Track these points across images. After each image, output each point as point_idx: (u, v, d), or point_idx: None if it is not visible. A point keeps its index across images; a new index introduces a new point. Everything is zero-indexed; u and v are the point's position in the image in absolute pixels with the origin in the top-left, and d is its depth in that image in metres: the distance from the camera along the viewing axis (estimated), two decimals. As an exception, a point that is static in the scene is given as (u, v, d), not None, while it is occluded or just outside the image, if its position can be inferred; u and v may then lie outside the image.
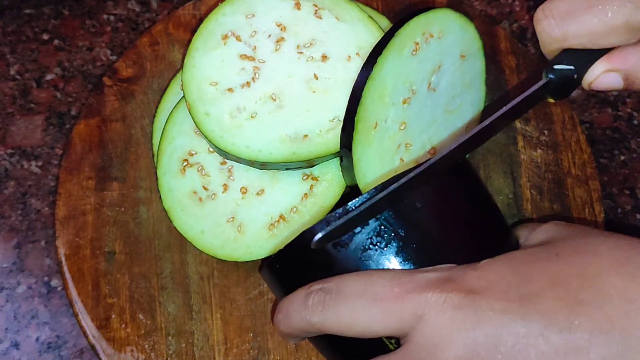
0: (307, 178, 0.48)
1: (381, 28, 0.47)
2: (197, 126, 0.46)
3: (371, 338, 0.35)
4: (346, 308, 0.35)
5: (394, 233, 0.36)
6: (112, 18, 0.57)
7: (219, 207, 0.48)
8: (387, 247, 0.36)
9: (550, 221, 0.40)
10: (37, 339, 0.49)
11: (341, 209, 0.37)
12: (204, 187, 0.48)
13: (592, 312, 0.31)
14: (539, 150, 0.53)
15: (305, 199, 0.47)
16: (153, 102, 0.52)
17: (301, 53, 0.47)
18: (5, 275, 0.51)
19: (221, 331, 0.48)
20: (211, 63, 0.47)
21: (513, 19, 0.59)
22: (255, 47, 0.47)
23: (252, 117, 0.46)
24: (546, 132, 0.53)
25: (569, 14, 0.36)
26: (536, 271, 0.34)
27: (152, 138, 0.51)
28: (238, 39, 0.47)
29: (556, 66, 0.38)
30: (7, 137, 0.54)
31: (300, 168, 0.47)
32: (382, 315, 0.34)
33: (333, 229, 0.36)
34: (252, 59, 0.47)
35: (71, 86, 0.55)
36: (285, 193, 0.48)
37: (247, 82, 0.47)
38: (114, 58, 0.56)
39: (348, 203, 0.37)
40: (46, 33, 0.56)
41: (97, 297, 0.48)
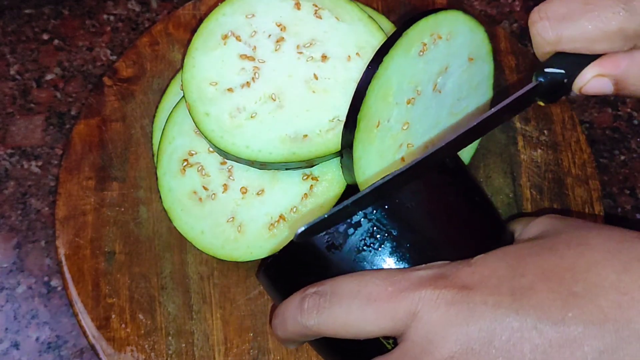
0: (307, 178, 0.48)
1: (381, 28, 0.47)
2: (197, 126, 0.46)
3: (368, 339, 0.35)
4: (341, 310, 0.35)
5: (387, 233, 0.37)
6: (112, 18, 0.57)
7: (219, 207, 0.48)
8: (381, 248, 0.36)
9: (544, 215, 0.40)
10: (37, 339, 0.49)
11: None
12: (204, 187, 0.48)
13: (585, 305, 0.31)
14: (539, 150, 0.53)
15: (305, 199, 0.47)
16: (153, 102, 0.52)
17: (301, 53, 0.47)
18: (5, 275, 0.51)
19: (221, 331, 0.48)
20: (211, 63, 0.47)
21: (513, 19, 0.59)
22: (255, 47, 0.47)
23: (252, 117, 0.46)
24: (546, 132, 0.53)
25: (564, 18, 0.36)
26: (529, 265, 0.34)
27: (152, 138, 0.51)
28: (238, 39, 0.47)
29: (547, 69, 0.38)
30: (7, 137, 0.54)
31: (300, 168, 0.47)
32: (377, 315, 0.34)
33: (315, 223, 0.36)
34: (252, 59, 0.47)
35: (71, 86, 0.55)
36: (285, 193, 0.48)
37: (247, 82, 0.47)
38: (114, 58, 0.56)
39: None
40: (46, 33, 0.56)
41: (97, 297, 0.48)
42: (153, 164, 0.50)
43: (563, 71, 0.38)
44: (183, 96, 0.47)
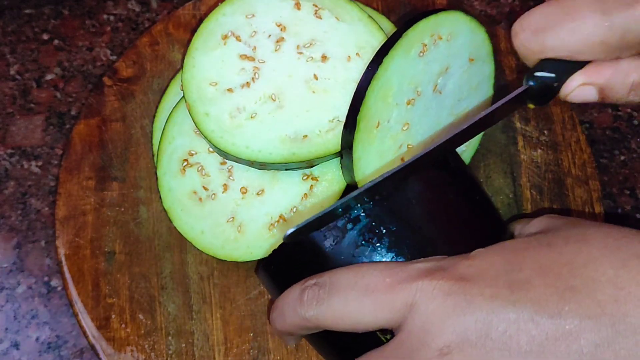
0: (307, 178, 0.48)
1: (381, 28, 0.47)
2: (197, 126, 0.46)
3: (366, 333, 0.35)
4: (339, 301, 0.35)
5: (386, 229, 0.37)
6: (112, 18, 0.57)
7: (219, 207, 0.48)
8: (380, 243, 0.37)
9: (543, 214, 0.40)
10: (37, 339, 0.49)
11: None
12: (204, 187, 0.48)
13: (582, 299, 0.32)
14: (539, 150, 0.53)
15: (305, 199, 0.47)
16: (153, 102, 0.52)
17: (301, 53, 0.47)
18: (5, 275, 0.51)
19: (221, 331, 0.48)
20: (211, 63, 0.47)
21: (513, 19, 0.59)
22: (255, 47, 0.47)
23: (252, 117, 0.46)
24: (546, 132, 0.53)
25: (545, 29, 0.37)
26: (527, 259, 0.34)
27: (152, 138, 0.51)
28: (238, 39, 0.47)
29: (537, 73, 0.38)
30: (7, 137, 0.54)
31: (300, 168, 0.47)
32: (374, 306, 0.34)
33: (304, 225, 0.36)
34: (252, 59, 0.47)
35: (71, 86, 0.55)
36: (285, 193, 0.48)
37: (247, 82, 0.47)
38: (114, 58, 0.56)
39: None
40: (46, 33, 0.56)
41: (97, 297, 0.48)
42: (153, 164, 0.50)
43: (553, 75, 0.38)
44: (183, 96, 0.47)
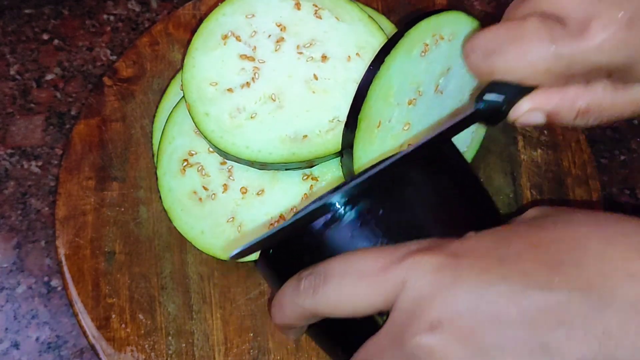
0: (307, 178, 0.48)
1: (381, 28, 0.47)
2: (197, 126, 0.46)
3: (365, 319, 0.36)
4: (334, 288, 0.35)
5: (382, 215, 0.37)
6: (112, 18, 0.57)
7: (219, 207, 0.48)
8: (376, 229, 0.37)
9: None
10: (37, 339, 0.49)
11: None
12: (204, 187, 0.48)
13: (571, 272, 0.32)
14: (539, 150, 0.53)
15: (305, 199, 0.47)
16: (153, 102, 0.52)
17: (301, 53, 0.47)
18: (5, 275, 0.51)
19: (221, 331, 0.48)
20: (211, 63, 0.47)
21: (513, 19, 0.59)
22: (255, 47, 0.47)
23: (252, 117, 0.46)
24: (546, 132, 0.53)
25: (495, 51, 0.37)
26: (515, 237, 0.35)
27: (152, 138, 0.51)
28: (238, 39, 0.47)
29: (486, 96, 0.39)
30: (7, 137, 0.54)
31: (300, 168, 0.47)
32: (368, 289, 0.35)
33: (252, 245, 0.38)
34: (252, 59, 0.47)
35: (71, 86, 0.55)
36: (285, 193, 0.48)
37: (247, 82, 0.47)
38: (114, 58, 0.56)
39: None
40: (46, 33, 0.56)
41: (97, 297, 0.48)
42: (153, 164, 0.50)
43: (501, 99, 0.38)
44: (183, 96, 0.47)
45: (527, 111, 0.39)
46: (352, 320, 0.36)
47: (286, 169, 0.47)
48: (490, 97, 0.39)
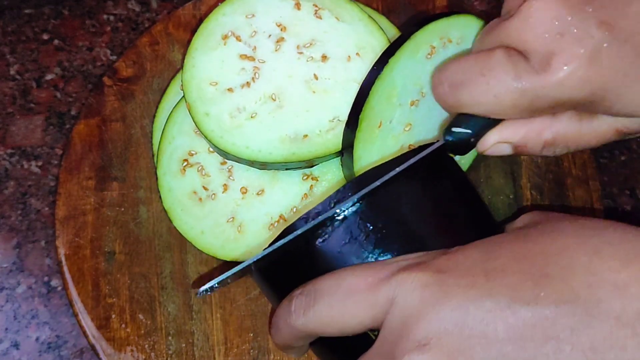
0: (307, 178, 0.48)
1: (381, 28, 0.47)
2: (197, 126, 0.46)
3: (358, 335, 0.36)
4: (324, 306, 0.35)
5: (373, 226, 0.37)
6: (112, 18, 0.57)
7: (219, 207, 0.48)
8: (367, 241, 0.37)
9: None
10: (37, 339, 0.49)
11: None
12: (204, 187, 0.48)
13: (557, 285, 0.32)
14: (539, 150, 0.53)
15: (305, 199, 0.47)
16: (153, 102, 0.52)
17: (301, 53, 0.47)
18: (5, 275, 0.51)
19: (221, 331, 0.48)
20: (211, 63, 0.47)
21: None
22: (255, 47, 0.47)
23: (252, 117, 0.46)
24: (546, 132, 0.53)
25: (461, 84, 0.38)
26: (502, 250, 0.34)
27: (152, 138, 0.51)
28: (238, 39, 0.47)
29: (454, 129, 0.40)
30: (7, 137, 0.54)
31: (300, 168, 0.47)
32: (357, 306, 0.34)
33: (219, 281, 0.39)
34: (252, 59, 0.47)
35: (71, 86, 0.55)
36: (285, 193, 0.48)
37: (247, 82, 0.47)
38: (114, 58, 0.56)
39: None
40: (46, 33, 0.56)
41: (97, 297, 0.48)
42: (153, 164, 0.50)
43: (469, 131, 0.39)
44: (183, 96, 0.47)
45: (495, 144, 0.40)
46: (349, 337, 0.36)
47: (286, 169, 0.47)
48: (458, 130, 0.39)
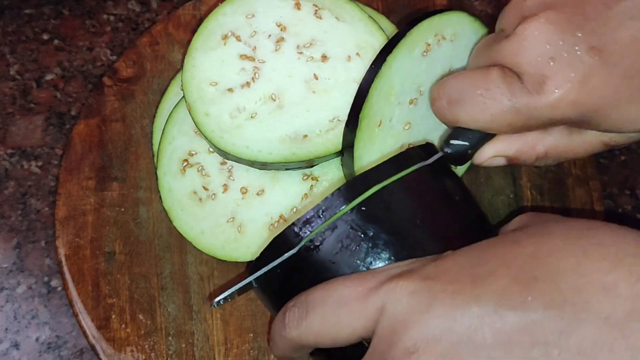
0: (307, 178, 0.48)
1: (381, 28, 0.47)
2: (197, 126, 0.46)
3: (353, 344, 0.36)
4: (316, 317, 0.35)
5: (364, 234, 0.37)
6: (112, 18, 0.57)
7: (219, 208, 0.48)
8: (358, 250, 0.37)
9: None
10: (37, 339, 0.49)
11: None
12: (204, 187, 0.48)
13: (545, 288, 0.32)
14: (539, 150, 0.53)
15: (305, 199, 0.47)
16: (153, 102, 0.52)
17: (301, 53, 0.47)
18: (5, 275, 0.51)
19: (221, 331, 0.48)
20: (211, 63, 0.47)
21: (513, 19, 0.59)
22: (255, 47, 0.47)
23: (252, 117, 0.46)
24: (546, 132, 0.53)
25: (458, 101, 0.40)
26: (489, 255, 0.34)
27: (152, 138, 0.51)
28: (238, 39, 0.47)
29: (452, 141, 0.42)
30: (7, 137, 0.54)
31: (300, 168, 0.47)
32: (349, 316, 0.34)
33: (231, 293, 0.40)
34: (252, 59, 0.47)
35: (71, 86, 0.55)
36: (285, 193, 0.48)
37: (247, 82, 0.47)
38: (114, 58, 0.56)
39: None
40: (46, 33, 0.56)
41: (97, 297, 0.48)
42: (153, 164, 0.50)
43: (467, 143, 0.42)
44: (183, 96, 0.47)
45: (490, 157, 0.42)
46: (345, 346, 0.36)
47: (286, 169, 0.47)
48: (456, 142, 0.42)
